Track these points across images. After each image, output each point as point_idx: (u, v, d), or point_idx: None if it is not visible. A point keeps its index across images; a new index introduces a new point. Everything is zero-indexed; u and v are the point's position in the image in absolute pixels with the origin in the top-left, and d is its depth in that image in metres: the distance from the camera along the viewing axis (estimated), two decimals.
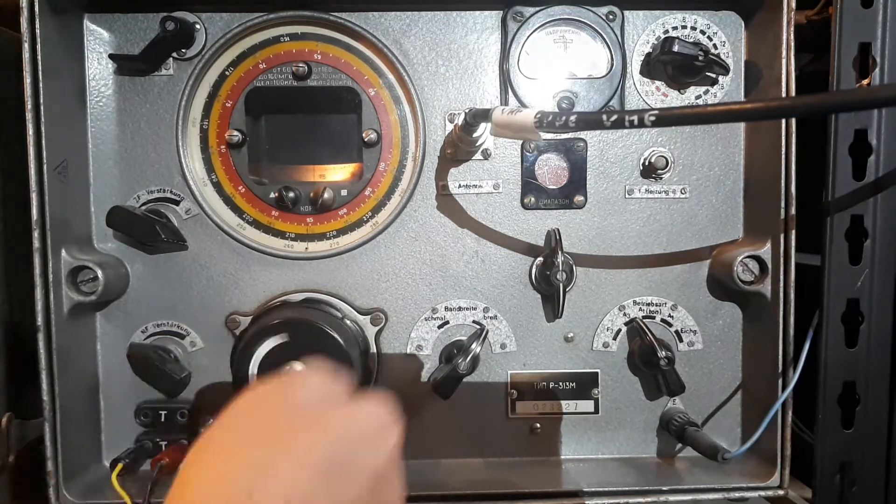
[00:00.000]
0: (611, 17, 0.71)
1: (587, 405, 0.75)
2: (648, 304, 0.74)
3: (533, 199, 0.73)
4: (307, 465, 0.34)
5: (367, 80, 0.72)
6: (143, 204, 0.71)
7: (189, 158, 0.72)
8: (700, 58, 0.68)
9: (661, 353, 0.69)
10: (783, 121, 0.67)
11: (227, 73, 0.71)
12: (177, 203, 0.72)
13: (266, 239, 0.73)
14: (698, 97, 0.73)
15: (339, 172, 0.73)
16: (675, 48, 0.67)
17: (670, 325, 0.74)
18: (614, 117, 0.53)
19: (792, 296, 0.68)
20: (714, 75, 0.72)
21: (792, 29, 0.66)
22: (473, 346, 0.69)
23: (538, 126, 0.57)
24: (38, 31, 0.63)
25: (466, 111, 0.66)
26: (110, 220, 0.68)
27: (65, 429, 0.67)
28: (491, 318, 0.74)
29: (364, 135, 0.72)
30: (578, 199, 0.73)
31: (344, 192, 0.72)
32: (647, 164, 0.73)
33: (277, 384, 0.40)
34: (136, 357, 0.71)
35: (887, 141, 0.64)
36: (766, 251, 0.69)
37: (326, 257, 0.73)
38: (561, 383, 0.75)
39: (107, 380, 0.73)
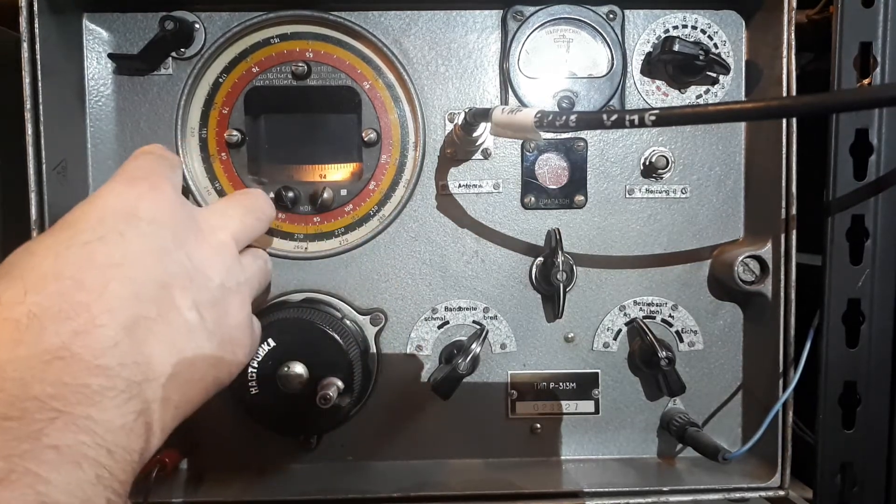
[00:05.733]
0: (611, 16, 0.71)
1: (587, 405, 0.75)
2: (649, 304, 0.74)
3: (533, 198, 0.73)
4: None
5: (366, 79, 0.72)
6: None
7: (191, 167, 0.72)
8: (701, 57, 0.68)
9: (662, 354, 0.69)
10: (783, 121, 0.66)
11: (220, 80, 0.71)
12: None
13: (275, 242, 0.73)
14: (699, 97, 0.73)
15: (338, 172, 0.73)
16: (676, 47, 0.67)
17: (671, 325, 0.74)
18: (614, 117, 0.53)
19: (793, 296, 0.67)
20: (715, 75, 0.72)
21: (793, 28, 0.66)
22: (473, 346, 0.69)
23: (538, 126, 0.57)
24: (37, 30, 0.63)
25: (466, 111, 0.66)
26: None
27: None
28: (491, 318, 0.74)
29: (364, 134, 0.72)
30: (578, 198, 0.73)
31: (343, 192, 0.72)
32: (647, 163, 0.73)
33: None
34: None
35: (888, 141, 0.64)
36: (766, 251, 0.69)
37: (329, 256, 0.72)
38: (561, 383, 0.75)
39: None
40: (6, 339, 0.32)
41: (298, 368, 0.63)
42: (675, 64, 0.70)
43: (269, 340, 0.63)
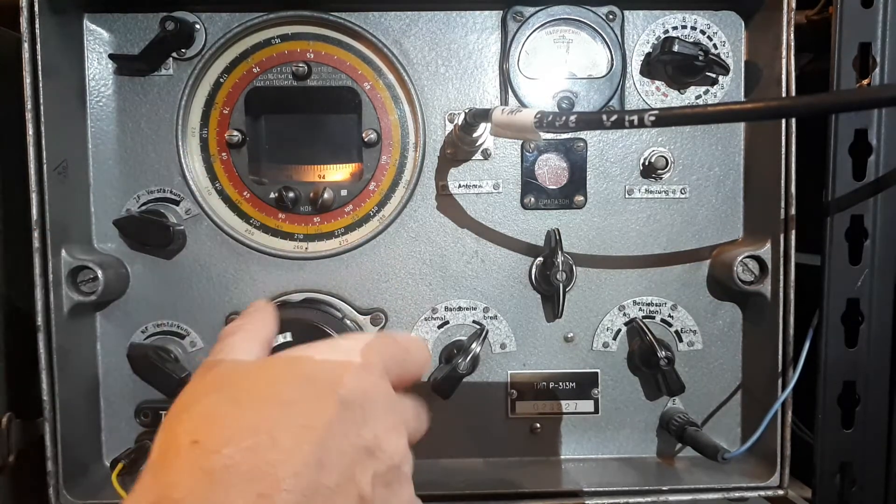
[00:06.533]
0: (611, 16, 0.71)
1: (587, 405, 0.75)
2: (648, 304, 0.74)
3: (533, 199, 0.73)
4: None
5: (366, 79, 0.72)
6: (143, 204, 0.71)
7: (192, 167, 0.72)
8: (700, 58, 0.68)
9: (661, 353, 0.69)
10: (783, 121, 0.67)
11: (221, 80, 0.71)
12: (176, 203, 0.72)
13: (276, 242, 0.73)
14: (698, 97, 0.73)
15: (339, 172, 0.73)
16: (675, 48, 0.67)
17: (670, 325, 0.74)
18: (614, 117, 0.53)
19: (792, 296, 0.67)
20: (714, 75, 0.72)
21: (792, 29, 0.66)
22: (473, 346, 0.69)
23: (538, 126, 0.57)
24: (37, 31, 0.63)
25: (466, 111, 0.66)
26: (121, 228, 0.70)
27: (65, 429, 0.67)
28: (491, 318, 0.74)
29: (364, 135, 0.72)
30: (578, 199, 0.73)
31: (344, 192, 0.72)
32: (647, 164, 0.73)
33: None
34: (136, 357, 0.71)
35: (887, 141, 0.64)
36: (766, 251, 0.69)
37: (330, 256, 0.73)
38: (561, 383, 0.75)
39: (107, 380, 0.73)
40: (198, 494, 0.33)
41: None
42: (675, 64, 0.70)
43: None
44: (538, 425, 0.75)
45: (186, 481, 0.33)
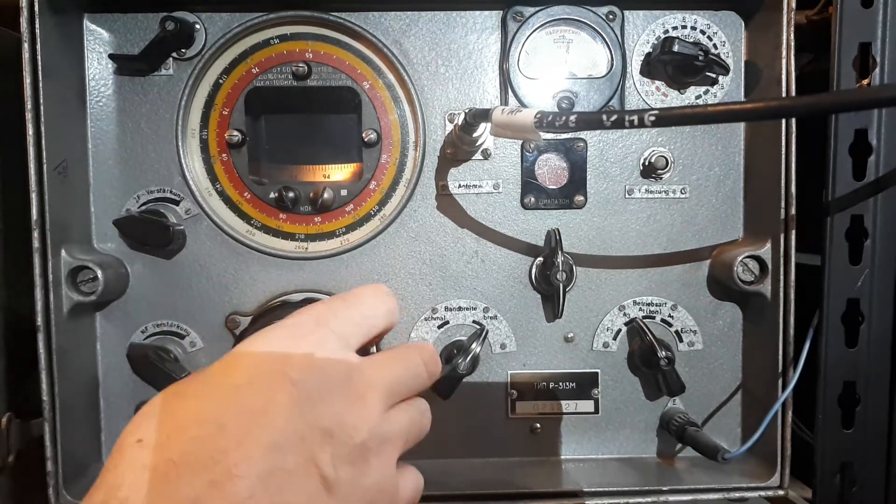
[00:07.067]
0: (611, 16, 0.71)
1: (587, 405, 0.75)
2: (648, 304, 0.74)
3: (533, 199, 0.73)
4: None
5: (366, 79, 0.72)
6: (143, 204, 0.71)
7: (192, 168, 0.72)
8: (700, 58, 0.68)
9: (662, 353, 0.69)
10: (783, 121, 0.67)
11: (220, 80, 0.71)
12: (176, 203, 0.72)
13: (277, 242, 0.73)
14: (698, 97, 0.73)
15: (339, 172, 0.73)
16: (675, 48, 0.67)
17: (670, 325, 0.74)
18: (614, 117, 0.53)
19: (792, 296, 0.67)
20: (714, 75, 0.72)
21: (792, 29, 0.66)
22: (473, 346, 0.69)
23: (538, 126, 0.57)
24: (37, 31, 0.63)
25: (466, 111, 0.66)
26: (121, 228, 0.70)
27: (65, 429, 0.67)
28: (491, 318, 0.74)
29: (364, 135, 0.72)
30: (578, 199, 0.73)
31: (344, 192, 0.72)
32: (647, 164, 0.73)
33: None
34: (136, 357, 0.71)
35: (887, 141, 0.64)
36: (766, 251, 0.69)
37: (330, 256, 0.73)
38: (561, 383, 0.75)
39: (107, 380, 0.73)
40: (145, 490, 0.33)
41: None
42: (675, 64, 0.70)
43: None
44: (538, 425, 0.75)
45: (130, 479, 0.33)
